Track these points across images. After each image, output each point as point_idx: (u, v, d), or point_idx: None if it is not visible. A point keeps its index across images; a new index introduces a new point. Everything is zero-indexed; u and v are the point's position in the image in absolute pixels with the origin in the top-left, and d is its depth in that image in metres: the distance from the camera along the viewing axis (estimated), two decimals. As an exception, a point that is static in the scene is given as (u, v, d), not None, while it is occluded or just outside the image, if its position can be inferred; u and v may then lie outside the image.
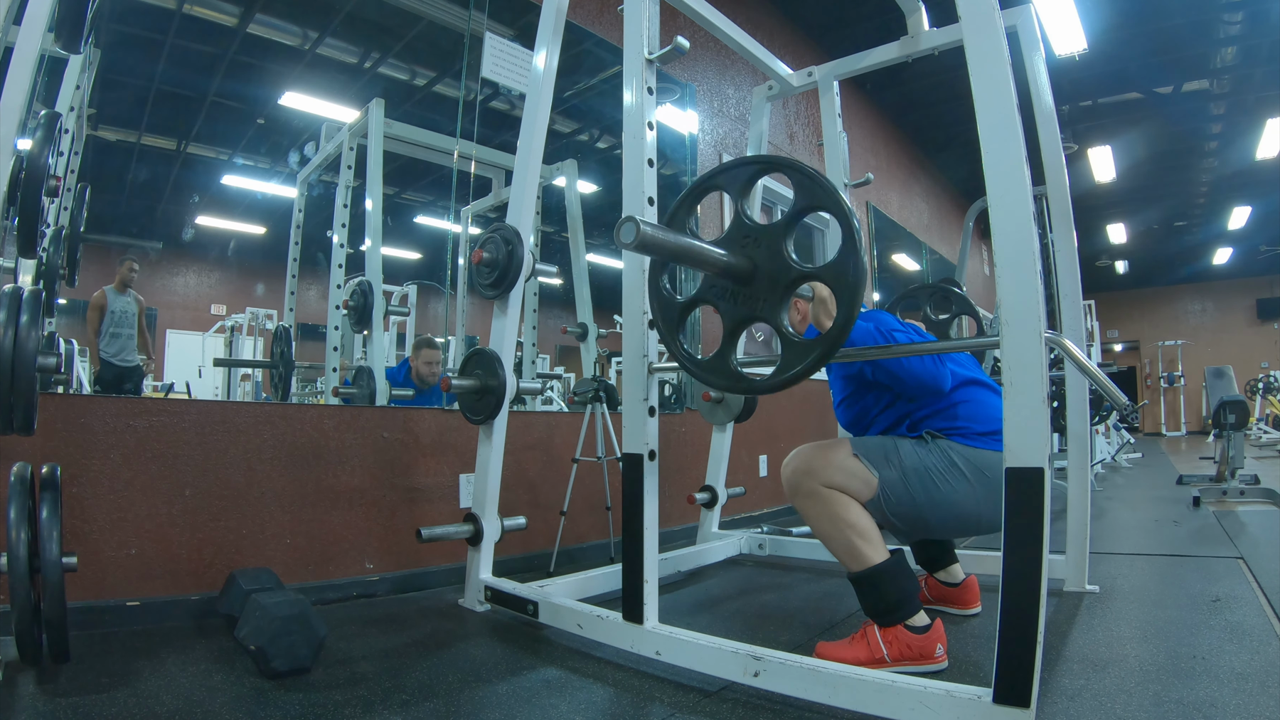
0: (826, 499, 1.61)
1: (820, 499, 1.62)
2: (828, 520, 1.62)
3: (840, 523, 1.60)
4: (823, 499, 1.62)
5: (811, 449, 1.69)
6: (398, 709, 1.38)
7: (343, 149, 2.95)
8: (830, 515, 1.61)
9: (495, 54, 3.00)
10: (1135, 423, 11.49)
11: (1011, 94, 1.24)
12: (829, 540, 1.64)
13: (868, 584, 1.58)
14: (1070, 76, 5.91)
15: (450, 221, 3.13)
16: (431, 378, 3.12)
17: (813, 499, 1.63)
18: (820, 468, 1.63)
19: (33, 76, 1.42)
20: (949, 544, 2.02)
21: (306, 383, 3.02)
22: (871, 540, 1.59)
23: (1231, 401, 4.32)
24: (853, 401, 1.87)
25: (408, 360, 3.18)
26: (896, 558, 1.59)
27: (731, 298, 1.42)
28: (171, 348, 2.63)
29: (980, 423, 1.66)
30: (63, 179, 1.93)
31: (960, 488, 1.61)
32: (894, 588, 1.55)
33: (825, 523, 1.62)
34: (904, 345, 1.57)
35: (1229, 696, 1.34)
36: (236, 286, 2.90)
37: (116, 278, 2.41)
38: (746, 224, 1.40)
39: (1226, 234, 10.98)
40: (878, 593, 1.56)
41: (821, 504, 1.62)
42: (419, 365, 3.14)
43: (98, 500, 1.90)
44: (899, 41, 2.29)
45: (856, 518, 1.60)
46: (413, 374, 3.13)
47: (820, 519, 1.63)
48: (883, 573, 1.56)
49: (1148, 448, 9.65)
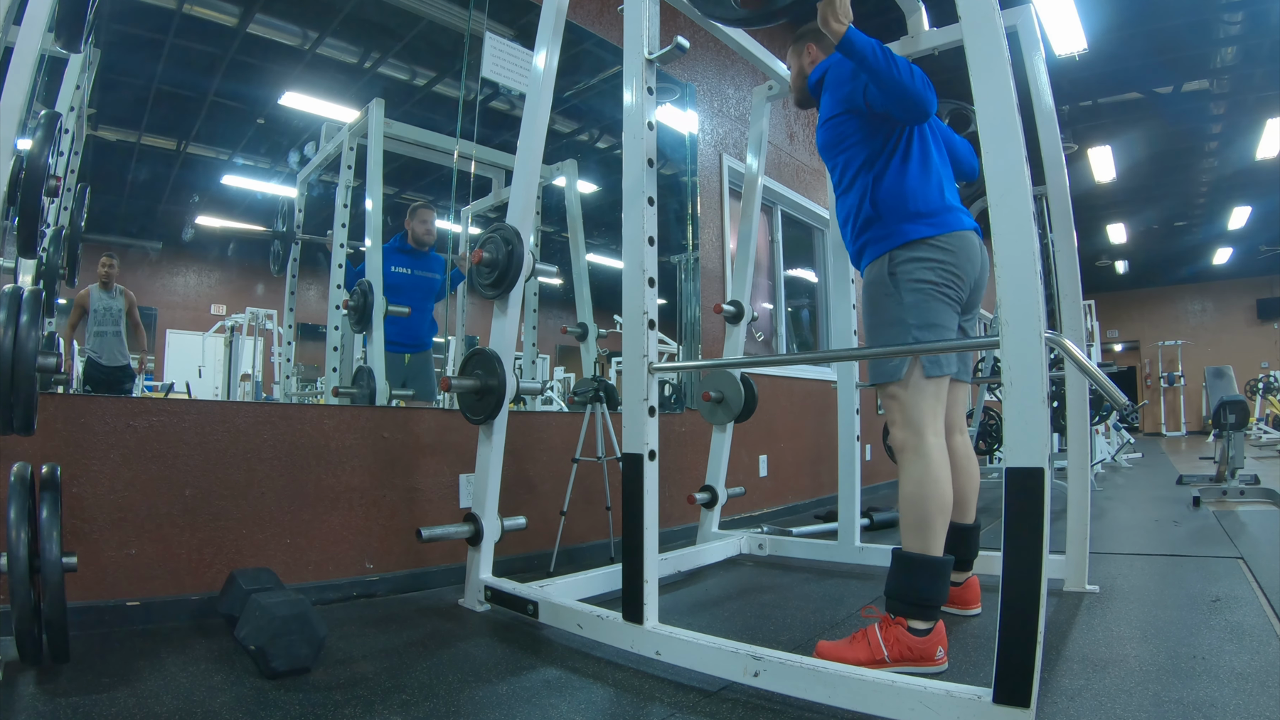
0: (932, 461, 1.60)
1: (926, 459, 1.61)
2: (925, 484, 1.60)
3: (931, 499, 1.59)
4: (928, 460, 1.61)
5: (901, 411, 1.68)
6: (398, 709, 1.38)
7: (343, 149, 2.95)
8: (931, 479, 1.59)
9: (495, 54, 3.00)
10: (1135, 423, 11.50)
11: (1011, 94, 1.24)
12: (909, 506, 1.61)
13: (911, 568, 1.57)
14: (1070, 76, 5.91)
15: (450, 221, 3.13)
16: (428, 237, 3.15)
17: (917, 456, 1.62)
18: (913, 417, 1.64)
19: (33, 76, 1.42)
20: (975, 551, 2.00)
21: (306, 383, 3.03)
22: (941, 533, 1.59)
23: (1231, 401, 4.32)
24: (836, 122, 1.82)
25: (404, 228, 3.18)
26: (948, 559, 1.60)
27: None
28: (171, 348, 2.63)
29: (916, 200, 1.70)
30: (63, 179, 1.93)
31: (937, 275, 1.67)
32: (929, 586, 1.56)
33: (916, 486, 1.61)
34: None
35: (1229, 696, 1.34)
36: (236, 286, 2.90)
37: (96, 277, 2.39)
38: None
39: (1226, 234, 10.98)
40: (913, 581, 1.56)
41: (925, 466, 1.61)
42: (414, 226, 3.15)
43: (98, 500, 1.90)
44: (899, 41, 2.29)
45: (948, 503, 1.60)
46: (410, 238, 3.14)
47: (915, 480, 1.61)
48: (931, 566, 1.57)
49: (1148, 448, 9.65)
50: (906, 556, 1.59)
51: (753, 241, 2.98)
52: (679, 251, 3.90)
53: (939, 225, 1.69)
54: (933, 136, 1.81)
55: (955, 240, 1.69)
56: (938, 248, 1.68)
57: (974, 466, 1.97)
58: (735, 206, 4.00)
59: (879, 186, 1.73)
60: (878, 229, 1.74)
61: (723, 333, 3.17)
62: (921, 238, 1.68)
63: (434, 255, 3.18)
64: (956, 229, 1.71)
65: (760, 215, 3.44)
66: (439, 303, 3.26)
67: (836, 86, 1.80)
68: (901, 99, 1.60)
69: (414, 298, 3.05)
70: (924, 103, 1.60)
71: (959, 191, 1.88)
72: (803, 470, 4.65)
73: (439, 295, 3.24)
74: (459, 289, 3.37)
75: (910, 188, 1.71)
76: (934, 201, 1.71)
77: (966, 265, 1.70)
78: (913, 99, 1.59)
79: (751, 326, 3.42)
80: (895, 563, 1.61)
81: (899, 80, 1.58)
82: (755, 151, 2.94)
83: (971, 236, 1.73)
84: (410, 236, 3.14)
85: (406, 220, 3.17)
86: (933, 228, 1.69)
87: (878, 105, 1.68)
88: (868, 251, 1.79)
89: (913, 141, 1.75)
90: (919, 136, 1.77)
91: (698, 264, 3.90)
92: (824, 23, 1.64)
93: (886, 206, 1.72)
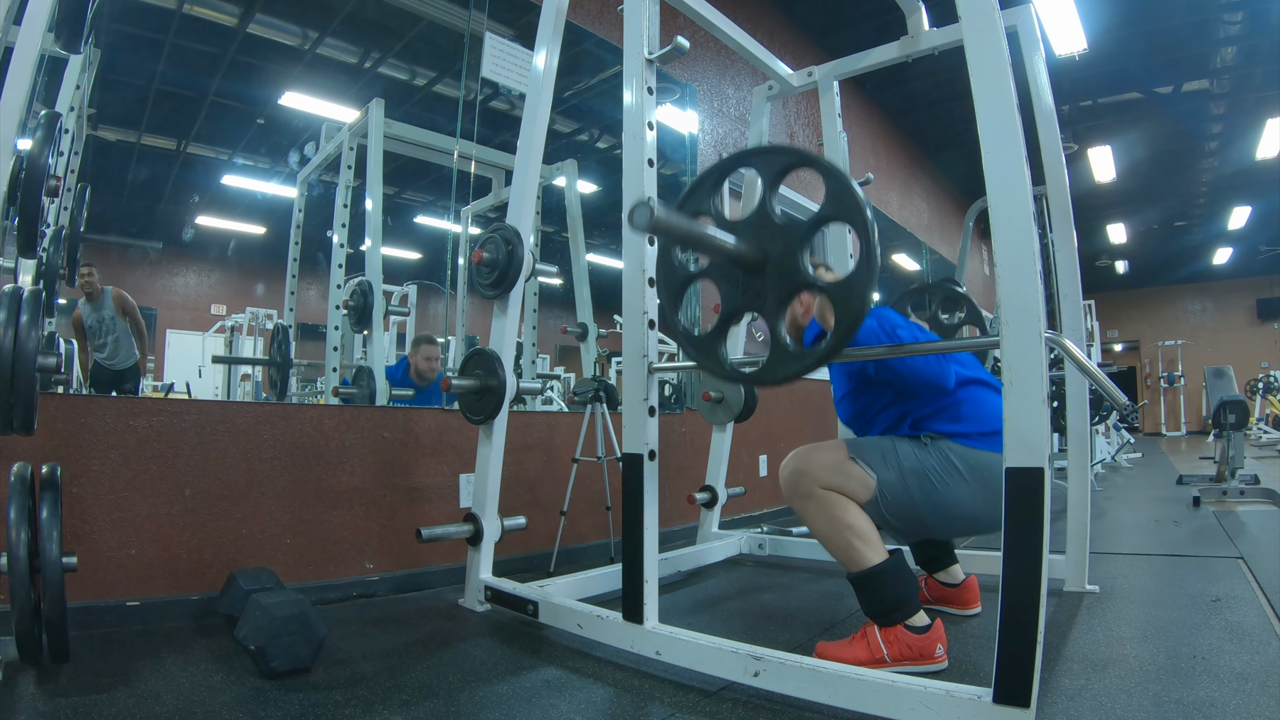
0: (823, 500, 1.62)
1: (817, 500, 1.62)
2: (825, 521, 1.62)
3: (838, 524, 1.60)
4: (819, 500, 1.62)
5: (808, 451, 1.69)
6: (398, 709, 1.38)
7: (343, 149, 2.95)
8: (828, 516, 1.61)
9: (495, 54, 3.00)
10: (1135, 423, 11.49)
11: (1011, 94, 1.24)
12: (827, 541, 1.64)
13: (867, 585, 1.58)
14: (1070, 76, 5.91)
15: (450, 221, 3.13)
16: (431, 374, 3.11)
17: (810, 500, 1.63)
18: (816, 469, 1.64)
19: (33, 76, 1.42)
20: (949, 544, 2.02)
21: (306, 382, 3.02)
22: (870, 541, 1.59)
23: (1231, 401, 4.32)
24: (854, 398, 1.87)
25: (406, 358, 3.18)
26: (895, 558, 1.59)
27: (736, 284, 1.40)
28: (171, 348, 2.63)
29: (981, 422, 1.66)
30: (63, 179, 1.93)
31: (959, 489, 1.61)
32: (893, 588, 1.56)
33: (823, 524, 1.63)
34: (908, 345, 1.57)
35: (1229, 696, 1.34)
36: (236, 286, 2.90)
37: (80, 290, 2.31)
38: (770, 216, 1.34)
39: (1226, 234, 10.97)
40: (877, 593, 1.56)
41: (818, 505, 1.62)
42: (418, 361, 3.13)
43: (98, 500, 1.90)
44: (899, 41, 2.30)
45: (854, 519, 1.60)
46: (411, 371, 3.12)
47: (818, 520, 1.63)
48: (881, 573, 1.56)
49: (1148, 448, 9.65)
50: (858, 578, 1.59)
51: (753, 241, 2.97)
52: (679, 251, 3.89)
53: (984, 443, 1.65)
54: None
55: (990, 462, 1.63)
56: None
57: None
58: (735, 206, 4.00)
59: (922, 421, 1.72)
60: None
61: (723, 333, 3.16)
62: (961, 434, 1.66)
63: (434, 389, 3.08)
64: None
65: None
66: (439, 303, 3.26)
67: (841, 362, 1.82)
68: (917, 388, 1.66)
69: None
70: (941, 382, 1.65)
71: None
72: (803, 470, 4.64)
73: None
74: (459, 289, 3.37)
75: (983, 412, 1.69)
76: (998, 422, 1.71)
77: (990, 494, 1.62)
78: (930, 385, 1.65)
79: (751, 326, 3.42)
80: (854, 587, 1.61)
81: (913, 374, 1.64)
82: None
83: None
84: (412, 370, 3.12)
85: (410, 352, 3.17)
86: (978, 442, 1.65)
87: (892, 381, 1.71)
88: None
89: None
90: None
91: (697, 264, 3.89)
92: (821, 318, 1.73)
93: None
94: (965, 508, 1.62)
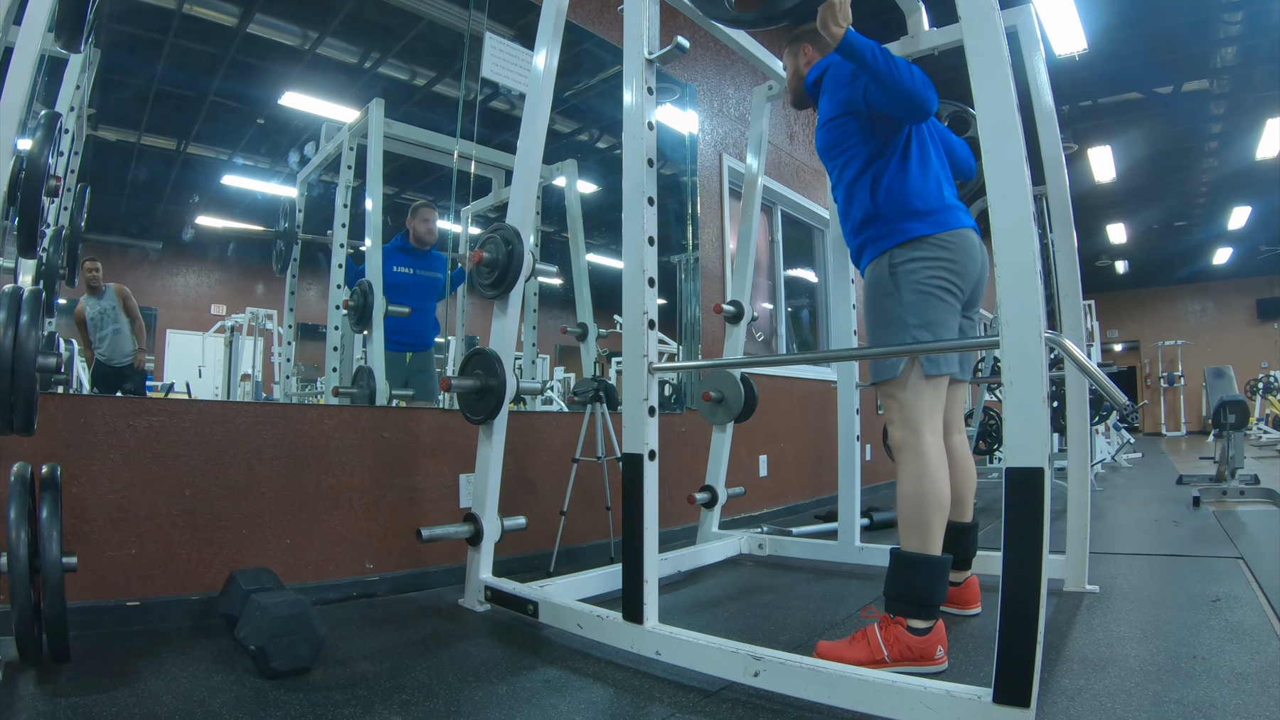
0: (929, 460, 1.61)
1: (923, 458, 1.61)
2: (915, 484, 1.61)
3: (929, 498, 1.59)
4: (925, 459, 1.61)
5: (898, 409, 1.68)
6: (398, 709, 1.38)
7: (343, 149, 2.95)
8: (929, 478, 1.60)
9: (495, 54, 3.00)
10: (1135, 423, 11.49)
11: (1011, 94, 1.24)
12: (907, 505, 1.62)
13: (910, 567, 1.58)
14: (1070, 76, 5.91)
15: (450, 221, 3.13)
16: (429, 236, 3.14)
17: (914, 455, 1.62)
18: (910, 416, 1.65)
19: (33, 76, 1.41)
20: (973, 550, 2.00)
21: (306, 382, 3.03)
22: (937, 532, 1.59)
23: (1231, 401, 4.32)
24: (835, 124, 1.82)
25: (402, 230, 3.17)
26: (946, 560, 1.60)
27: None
28: (171, 348, 2.63)
29: (917, 199, 1.70)
30: (63, 179, 1.93)
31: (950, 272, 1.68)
32: (928, 585, 1.56)
33: (914, 485, 1.61)
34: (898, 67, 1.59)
35: (1229, 696, 1.34)
36: (236, 286, 2.90)
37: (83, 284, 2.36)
38: None
39: (1226, 234, 10.98)
40: (912, 580, 1.56)
41: (922, 465, 1.61)
42: (415, 225, 3.14)
43: (98, 500, 1.90)
44: (899, 41, 2.29)
45: (945, 502, 1.60)
46: (410, 236, 3.13)
47: (912, 479, 1.62)
48: (929, 564, 1.57)
49: (1148, 448, 9.65)
50: (905, 556, 1.59)
51: (753, 241, 2.98)
52: (679, 251, 3.90)
53: (939, 224, 1.69)
54: (930, 137, 1.82)
55: (955, 238, 1.70)
56: (938, 245, 1.68)
57: (971, 465, 1.98)
58: (735, 206, 4.00)
59: (879, 186, 1.74)
60: (878, 227, 1.74)
61: (723, 333, 3.17)
62: (921, 235, 1.68)
63: (436, 254, 3.17)
64: (956, 227, 1.71)
65: (760, 215, 3.44)
66: (440, 302, 3.26)
67: (835, 89, 1.80)
68: (903, 99, 1.60)
69: (416, 297, 3.04)
70: (925, 102, 1.60)
71: (957, 191, 1.88)
72: (803, 470, 4.65)
73: (441, 294, 3.23)
74: (459, 289, 3.37)
75: (910, 186, 1.72)
76: (933, 200, 1.72)
77: (966, 263, 1.71)
78: (914, 99, 1.59)
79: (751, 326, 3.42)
80: (894, 562, 1.61)
81: (900, 81, 1.58)
82: (755, 151, 2.94)
83: (971, 234, 1.74)
84: (412, 235, 3.13)
85: (408, 219, 3.17)
86: (932, 226, 1.69)
87: (879, 106, 1.68)
88: (868, 250, 1.79)
89: (912, 142, 1.76)
90: (918, 137, 1.77)
91: (698, 264, 3.90)
92: (823, 25, 1.64)
93: (887, 205, 1.72)
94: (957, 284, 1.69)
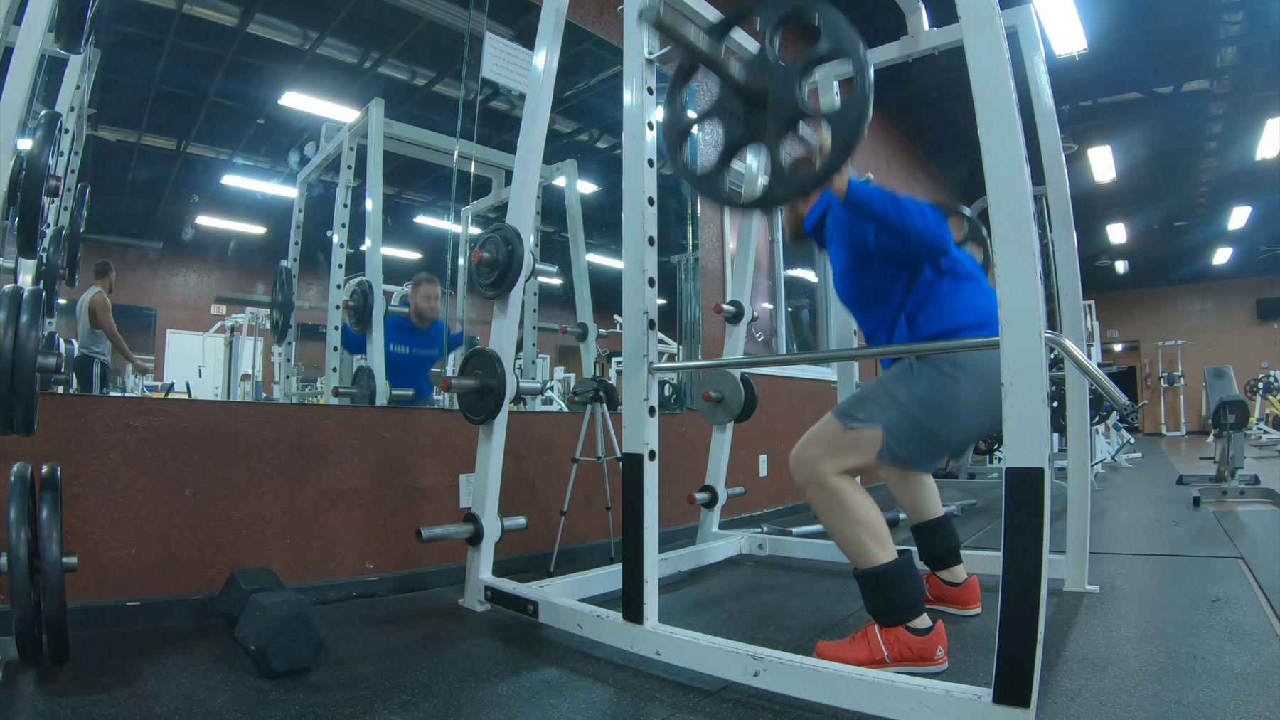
0: (834, 492, 1.60)
1: (829, 492, 1.61)
2: (835, 514, 1.61)
3: (850, 518, 1.59)
4: (831, 492, 1.61)
5: (806, 438, 1.69)
6: (398, 709, 1.38)
7: (343, 149, 2.95)
8: (840, 509, 1.60)
9: (495, 54, 3.00)
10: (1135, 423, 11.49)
11: (1011, 94, 1.24)
12: (836, 534, 1.63)
13: (873, 583, 1.57)
14: (1070, 76, 5.91)
15: (450, 221, 3.13)
16: (431, 313, 3.10)
17: (822, 491, 1.62)
18: (820, 454, 1.63)
19: (33, 76, 1.41)
20: (954, 542, 2.01)
21: (306, 383, 3.02)
22: (880, 539, 1.58)
23: (1231, 401, 4.32)
24: (853, 275, 1.82)
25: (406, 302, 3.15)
26: (904, 559, 1.59)
27: (738, 119, 1.46)
28: (171, 348, 2.62)
29: (969, 314, 1.66)
30: (63, 179, 1.93)
31: (961, 392, 1.59)
32: (899, 589, 1.55)
33: (834, 517, 1.61)
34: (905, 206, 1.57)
35: (1229, 696, 1.34)
36: (236, 286, 2.90)
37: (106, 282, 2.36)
38: (769, 59, 1.42)
39: (1226, 234, 10.97)
40: (882, 593, 1.56)
41: (829, 497, 1.61)
42: (418, 300, 3.12)
43: (98, 500, 1.90)
44: (899, 41, 2.30)
45: (866, 513, 1.59)
46: (411, 311, 3.11)
47: (828, 513, 1.62)
48: (889, 573, 1.56)
49: (1148, 448, 9.64)
50: (865, 575, 1.59)
51: (753, 241, 2.98)
52: (679, 251, 3.90)
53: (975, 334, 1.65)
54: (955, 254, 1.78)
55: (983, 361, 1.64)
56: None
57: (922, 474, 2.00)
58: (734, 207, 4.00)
59: (914, 322, 1.71)
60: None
61: (723, 333, 3.17)
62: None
63: (435, 328, 3.10)
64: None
65: (760, 215, 3.44)
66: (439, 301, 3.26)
67: (842, 233, 1.80)
68: (918, 244, 1.62)
69: (414, 375, 3.03)
70: (941, 241, 1.61)
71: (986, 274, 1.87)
72: (803, 470, 4.64)
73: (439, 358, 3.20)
74: (459, 289, 3.37)
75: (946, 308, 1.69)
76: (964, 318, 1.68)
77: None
78: (929, 243, 1.61)
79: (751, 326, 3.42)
80: (860, 585, 1.61)
81: (915, 227, 1.58)
82: (754, 151, 2.94)
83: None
84: (412, 311, 3.09)
85: (410, 293, 3.13)
86: None
87: (893, 250, 1.68)
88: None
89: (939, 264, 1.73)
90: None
91: (698, 264, 3.90)
92: None
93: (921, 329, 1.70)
94: (973, 409, 1.60)
